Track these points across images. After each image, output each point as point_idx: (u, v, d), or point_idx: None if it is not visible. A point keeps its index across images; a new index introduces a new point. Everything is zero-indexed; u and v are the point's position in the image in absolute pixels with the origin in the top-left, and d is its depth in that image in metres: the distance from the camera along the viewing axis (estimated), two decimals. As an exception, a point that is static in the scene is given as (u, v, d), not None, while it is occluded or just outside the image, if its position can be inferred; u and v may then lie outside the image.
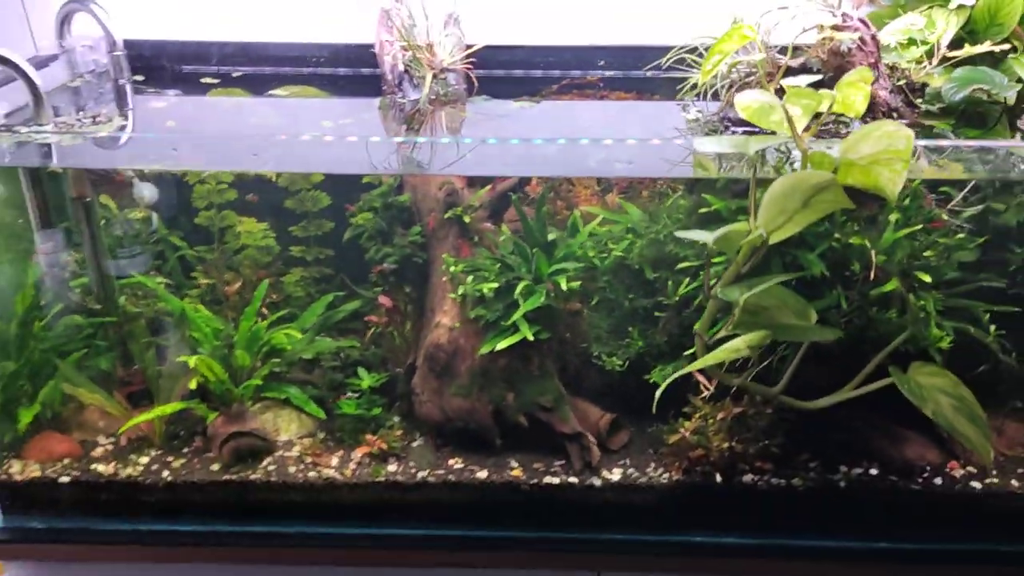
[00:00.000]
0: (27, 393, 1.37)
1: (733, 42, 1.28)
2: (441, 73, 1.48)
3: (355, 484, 1.34)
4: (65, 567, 1.37)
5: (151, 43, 1.61)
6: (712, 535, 1.34)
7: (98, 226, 1.36)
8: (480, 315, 1.28)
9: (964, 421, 1.12)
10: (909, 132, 1.02)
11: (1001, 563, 1.31)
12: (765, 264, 1.15)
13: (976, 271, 1.26)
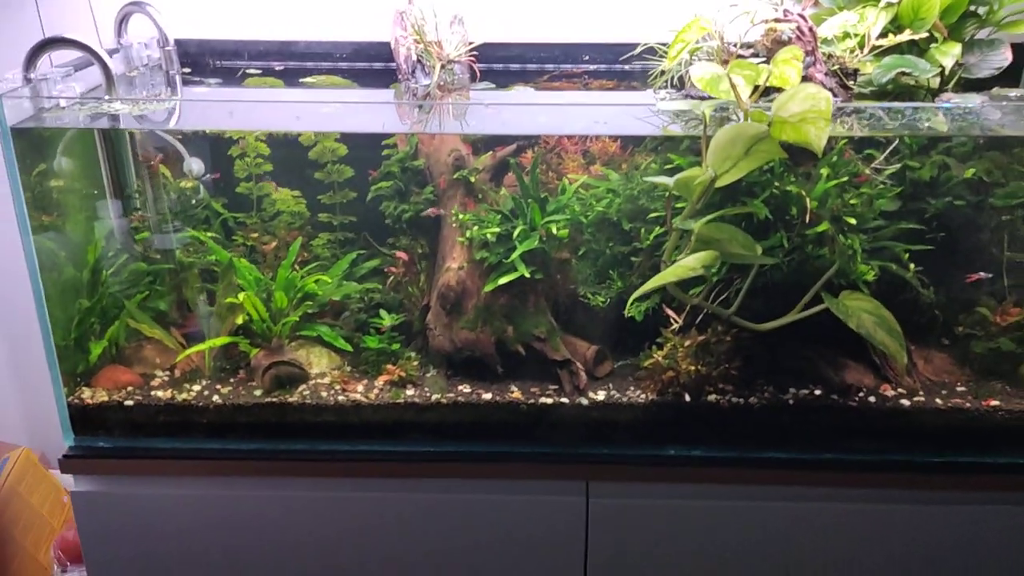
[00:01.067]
0: (96, 331, 1.61)
1: (693, 32, 1.54)
2: (448, 64, 1.73)
3: (378, 406, 1.56)
4: (126, 480, 1.59)
5: (196, 41, 1.86)
6: (682, 448, 1.57)
7: (159, 187, 1.60)
8: (484, 257, 1.52)
9: (883, 333, 1.37)
10: (828, 94, 1.27)
11: (926, 471, 1.54)
12: (719, 208, 1.40)
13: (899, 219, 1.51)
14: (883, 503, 1.54)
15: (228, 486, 1.58)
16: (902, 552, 1.56)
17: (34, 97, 1.42)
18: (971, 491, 1.53)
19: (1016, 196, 1.51)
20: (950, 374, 1.58)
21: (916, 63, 1.59)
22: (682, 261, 1.30)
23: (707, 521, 1.56)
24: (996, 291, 1.56)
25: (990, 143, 1.54)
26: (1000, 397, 1.53)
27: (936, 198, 1.51)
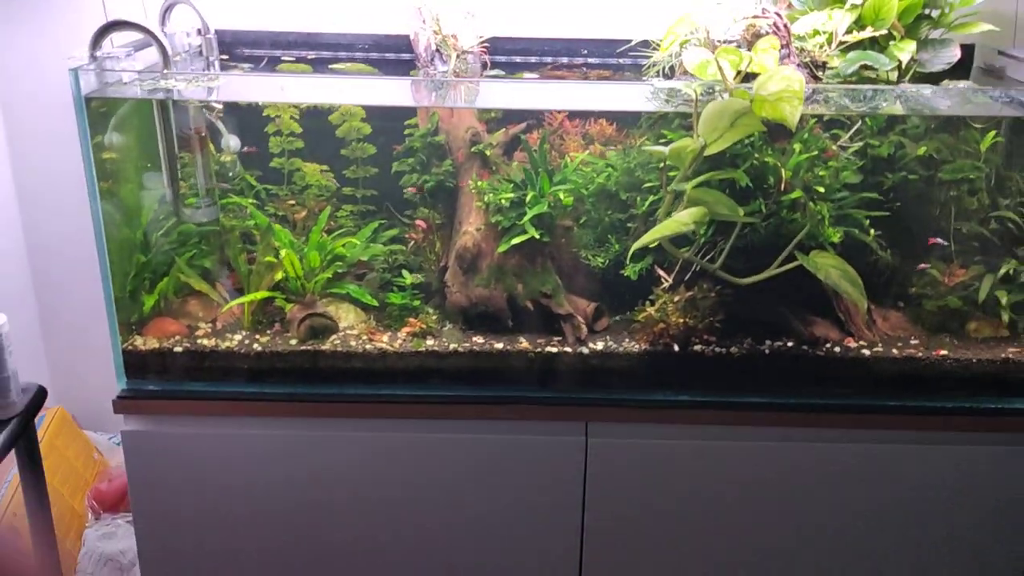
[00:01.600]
0: (147, 286, 1.79)
1: (682, 27, 1.75)
2: (462, 54, 1.93)
3: (401, 354, 1.75)
4: (171, 420, 1.75)
5: (231, 31, 2.05)
6: (671, 393, 1.76)
7: (208, 155, 1.78)
8: (499, 221, 1.72)
9: (847, 284, 1.58)
10: (801, 76, 1.49)
11: (884, 412, 1.74)
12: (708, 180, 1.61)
13: (861, 190, 1.73)
14: (847, 442, 1.74)
15: (264, 426, 1.75)
16: (863, 484, 1.76)
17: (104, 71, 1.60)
18: (924, 431, 1.74)
19: (961, 171, 1.74)
20: (905, 329, 1.80)
21: (877, 58, 1.80)
22: (676, 216, 1.51)
23: (693, 458, 1.76)
24: (945, 255, 1.78)
25: (939, 125, 1.77)
26: (948, 348, 1.75)
27: (893, 172, 1.74)
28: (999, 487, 1.75)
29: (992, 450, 1.73)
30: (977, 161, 1.74)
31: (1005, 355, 1.73)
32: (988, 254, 1.76)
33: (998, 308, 1.74)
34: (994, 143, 1.75)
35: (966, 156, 1.75)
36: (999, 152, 1.79)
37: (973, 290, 1.75)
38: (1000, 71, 1.91)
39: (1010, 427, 1.73)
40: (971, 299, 1.76)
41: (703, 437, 1.75)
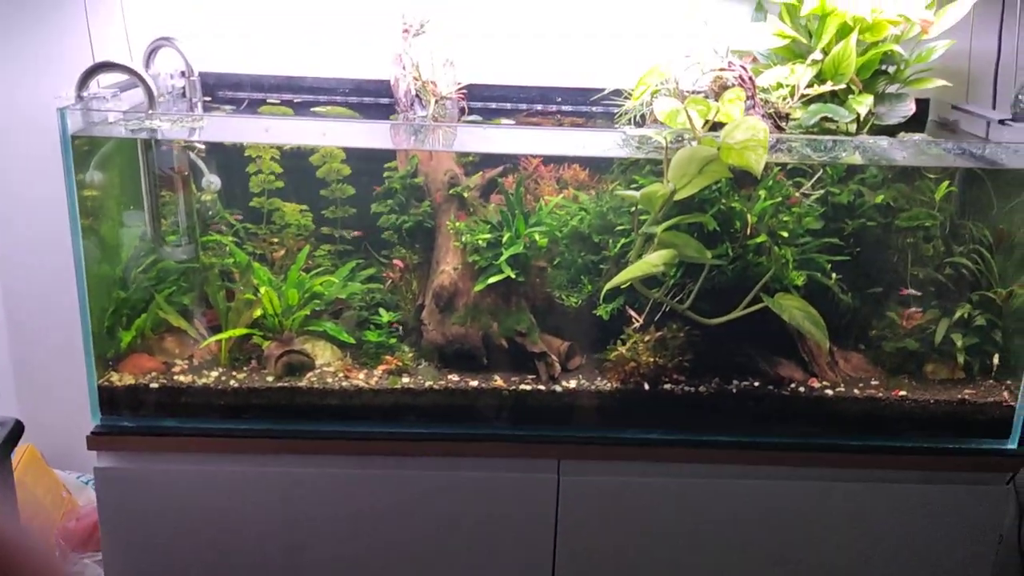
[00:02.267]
0: (124, 322, 1.80)
1: (652, 78, 1.83)
2: (441, 100, 1.99)
3: (377, 391, 1.77)
4: (146, 456, 1.76)
5: (215, 74, 2.09)
6: (641, 431, 1.81)
7: (190, 194, 1.81)
8: (475, 260, 1.77)
9: (810, 324, 1.64)
10: (765, 126, 1.56)
11: (846, 451, 1.80)
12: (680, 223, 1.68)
13: (822, 235, 1.80)
14: (813, 480, 1.79)
15: (239, 463, 1.76)
16: (829, 520, 1.81)
17: (90, 111, 1.63)
18: (885, 469, 1.79)
19: (917, 219, 1.82)
20: (866, 370, 1.86)
21: (836, 110, 1.89)
22: (647, 258, 1.56)
23: (664, 495, 1.79)
24: (903, 299, 1.85)
25: (896, 175, 1.86)
26: (907, 389, 1.82)
27: (853, 219, 1.81)
28: (957, 525, 1.81)
29: (951, 489, 1.79)
30: (932, 210, 1.82)
31: (961, 396, 1.80)
32: (944, 299, 1.83)
33: (954, 351, 1.81)
34: (948, 192, 1.83)
35: (922, 205, 1.83)
36: (953, 201, 1.88)
37: (930, 333, 1.82)
38: (954, 124, 2.00)
39: (967, 466, 1.79)
40: (928, 342, 1.83)
41: (673, 475, 1.79)
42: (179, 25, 2.06)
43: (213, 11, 2.09)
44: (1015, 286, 1.78)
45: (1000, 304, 1.80)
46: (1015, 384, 1.78)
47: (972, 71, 2.06)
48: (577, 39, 2.12)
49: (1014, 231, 1.79)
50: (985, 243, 1.83)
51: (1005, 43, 1.98)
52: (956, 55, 2.07)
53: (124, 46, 1.99)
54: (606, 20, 2.12)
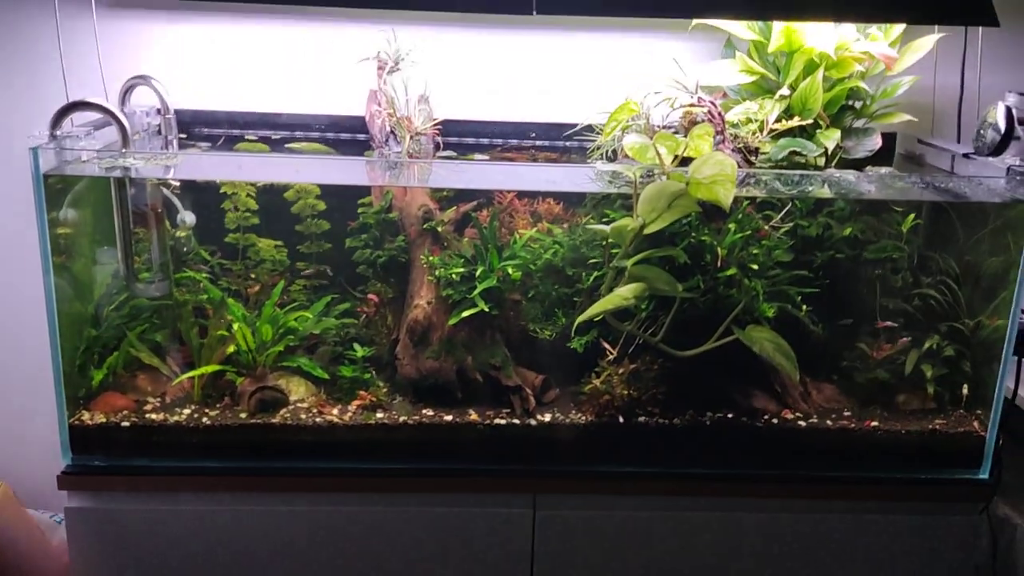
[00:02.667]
0: (96, 360, 1.79)
1: (624, 113, 1.85)
2: (416, 136, 2.01)
3: (351, 427, 1.77)
4: (117, 495, 1.74)
5: (191, 111, 2.10)
6: (616, 464, 1.80)
7: (163, 231, 1.82)
8: (449, 294, 1.77)
9: (780, 356, 1.66)
10: (733, 161, 1.59)
11: (818, 482, 1.81)
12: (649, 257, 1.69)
13: (792, 268, 1.82)
14: (786, 511, 1.80)
15: (212, 502, 1.74)
16: (804, 551, 1.81)
17: (63, 149, 1.64)
18: (858, 500, 1.80)
19: (884, 251, 1.84)
20: (838, 401, 1.88)
21: (805, 144, 1.93)
22: (617, 291, 1.57)
23: (639, 528, 1.79)
24: (873, 330, 1.87)
25: (863, 208, 1.88)
26: (879, 420, 1.83)
27: (822, 251, 1.84)
28: (932, 555, 1.81)
29: (925, 519, 1.80)
30: (899, 242, 1.85)
31: (932, 426, 1.81)
32: (913, 330, 1.86)
33: (924, 381, 1.83)
34: (914, 225, 1.86)
35: (889, 237, 1.86)
36: (920, 233, 1.91)
37: (900, 364, 1.84)
38: (920, 158, 2.04)
39: (940, 497, 1.80)
40: (899, 372, 1.85)
41: (649, 508, 1.79)
42: (155, 62, 2.08)
43: (189, 49, 2.10)
44: (982, 317, 1.81)
45: (968, 335, 1.82)
46: (985, 414, 1.80)
47: (937, 106, 2.10)
48: (551, 75, 2.15)
49: (980, 263, 1.82)
50: (952, 274, 1.85)
51: (968, 78, 2.02)
52: (921, 90, 2.12)
53: (100, 84, 2.00)
54: (579, 56, 2.15)
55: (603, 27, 2.13)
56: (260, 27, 2.11)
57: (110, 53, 2.04)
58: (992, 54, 1.99)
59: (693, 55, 2.14)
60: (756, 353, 1.67)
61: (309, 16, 2.10)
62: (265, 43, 2.12)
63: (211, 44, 2.10)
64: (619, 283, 1.64)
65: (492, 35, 2.13)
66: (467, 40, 2.13)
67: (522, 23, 2.09)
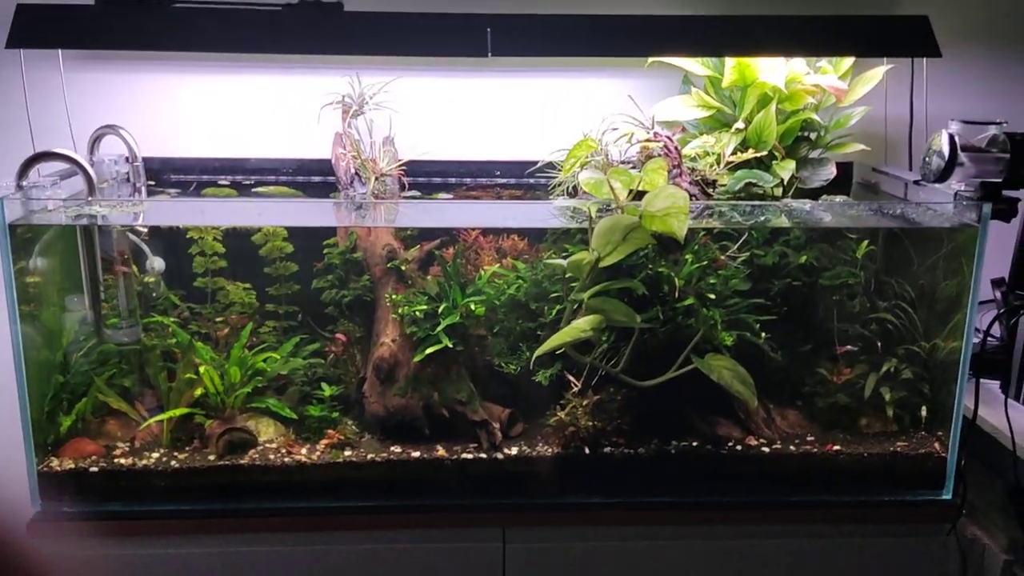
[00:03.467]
0: (65, 407, 1.80)
1: (582, 150, 1.90)
2: (381, 177, 2.05)
3: (319, 465, 1.78)
4: (87, 541, 1.74)
5: (160, 158, 2.14)
6: (583, 495, 1.82)
7: (131, 277, 1.84)
8: (413, 332, 1.80)
9: (739, 384, 1.69)
10: (685, 193, 1.63)
11: (785, 508, 1.83)
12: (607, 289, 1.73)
13: (750, 296, 1.86)
14: (754, 537, 1.81)
15: (181, 545, 1.75)
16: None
17: (29, 199, 1.67)
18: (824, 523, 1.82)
19: (839, 277, 1.88)
20: (802, 427, 1.90)
21: (761, 176, 1.97)
22: (574, 323, 1.60)
23: (608, 559, 1.80)
24: (832, 355, 1.90)
25: (819, 236, 1.93)
26: (841, 444, 1.86)
27: (778, 279, 1.88)
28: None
29: (892, 542, 1.82)
30: (854, 268, 1.89)
31: (894, 449, 1.84)
32: (871, 354, 1.89)
33: (884, 404, 1.85)
34: (869, 251, 1.91)
35: (844, 263, 1.90)
36: (875, 259, 1.95)
37: (860, 388, 1.87)
38: (876, 186, 2.09)
39: (906, 519, 1.82)
40: (859, 396, 1.88)
41: (617, 538, 1.80)
42: (124, 111, 2.11)
43: (157, 98, 2.14)
44: (938, 339, 1.84)
45: (925, 357, 1.86)
46: (945, 435, 1.83)
47: (889, 134, 2.16)
48: (513, 115, 2.20)
49: (934, 286, 1.86)
50: (908, 298, 1.89)
51: (917, 107, 2.08)
52: (874, 120, 2.17)
53: (68, 134, 2.03)
54: (539, 96, 2.20)
55: (561, 67, 2.19)
56: (226, 75, 2.16)
57: (79, 103, 2.08)
58: (938, 83, 2.05)
59: (652, 91, 2.19)
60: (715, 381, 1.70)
61: (273, 64, 2.15)
62: (231, 90, 2.16)
63: (178, 93, 2.15)
64: (578, 316, 1.67)
65: (453, 78, 2.18)
66: (430, 83, 2.18)
67: (483, 65, 2.14)
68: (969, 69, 2.22)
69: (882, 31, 2.03)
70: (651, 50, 2.01)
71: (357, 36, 1.92)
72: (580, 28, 1.96)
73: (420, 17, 1.94)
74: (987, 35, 2.23)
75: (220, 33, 1.92)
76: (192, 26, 1.93)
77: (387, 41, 1.93)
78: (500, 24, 1.91)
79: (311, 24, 1.92)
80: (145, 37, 1.93)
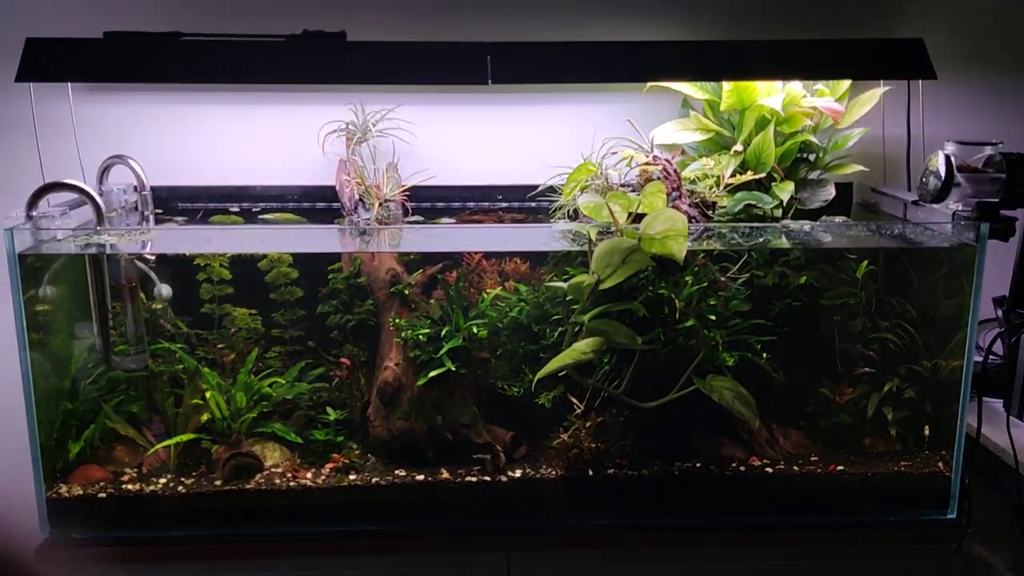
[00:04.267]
0: (74, 434, 1.82)
1: (582, 173, 1.92)
2: (385, 203, 2.08)
3: (325, 489, 1.79)
4: (95, 567, 1.75)
5: (167, 187, 2.17)
6: (587, 518, 1.82)
7: (138, 305, 1.87)
8: (417, 355, 1.82)
9: (740, 404, 1.69)
10: (683, 216, 1.65)
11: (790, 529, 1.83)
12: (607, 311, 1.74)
13: (751, 317, 1.87)
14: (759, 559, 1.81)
15: (188, 570, 1.75)
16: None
17: (39, 229, 1.70)
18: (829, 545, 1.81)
19: (840, 297, 1.89)
20: (805, 447, 1.91)
21: (761, 197, 1.99)
22: (575, 346, 1.62)
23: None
24: (834, 375, 1.91)
25: (819, 256, 1.94)
26: (845, 464, 1.86)
27: (778, 300, 1.89)
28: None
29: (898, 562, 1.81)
30: (854, 288, 1.90)
31: (898, 468, 1.84)
32: (873, 373, 1.89)
33: (887, 424, 1.86)
34: (869, 271, 1.92)
35: (844, 284, 1.91)
36: (876, 279, 1.96)
37: (863, 407, 1.87)
38: (875, 206, 2.10)
39: (912, 538, 1.82)
40: (863, 416, 1.88)
41: (621, 560, 1.80)
42: (133, 142, 2.15)
43: (165, 128, 2.18)
44: (940, 359, 1.85)
45: (927, 376, 1.86)
46: (949, 454, 1.83)
47: (888, 156, 2.17)
48: (515, 140, 2.23)
49: (935, 305, 1.87)
50: (909, 318, 1.90)
51: (914, 129, 2.10)
52: (872, 141, 2.19)
53: (77, 165, 2.07)
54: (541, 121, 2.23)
55: (561, 93, 2.22)
56: (232, 106, 2.19)
57: (88, 134, 2.12)
58: (934, 105, 2.07)
59: (651, 116, 2.22)
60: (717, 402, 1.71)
61: (278, 94, 2.18)
62: (237, 120, 2.20)
63: (185, 123, 2.18)
64: (579, 338, 1.69)
65: (455, 105, 2.21)
66: (433, 110, 2.21)
67: (484, 92, 2.17)
68: (966, 90, 2.24)
69: (877, 54, 2.05)
70: (649, 75, 2.03)
71: (359, 65, 1.95)
72: (579, 55, 1.99)
73: (421, 46, 1.97)
74: (982, 57, 2.25)
75: (225, 65, 1.96)
76: (198, 58, 1.96)
77: (389, 70, 1.96)
78: (500, 52, 1.95)
79: (314, 54, 1.96)
80: (152, 69, 1.97)
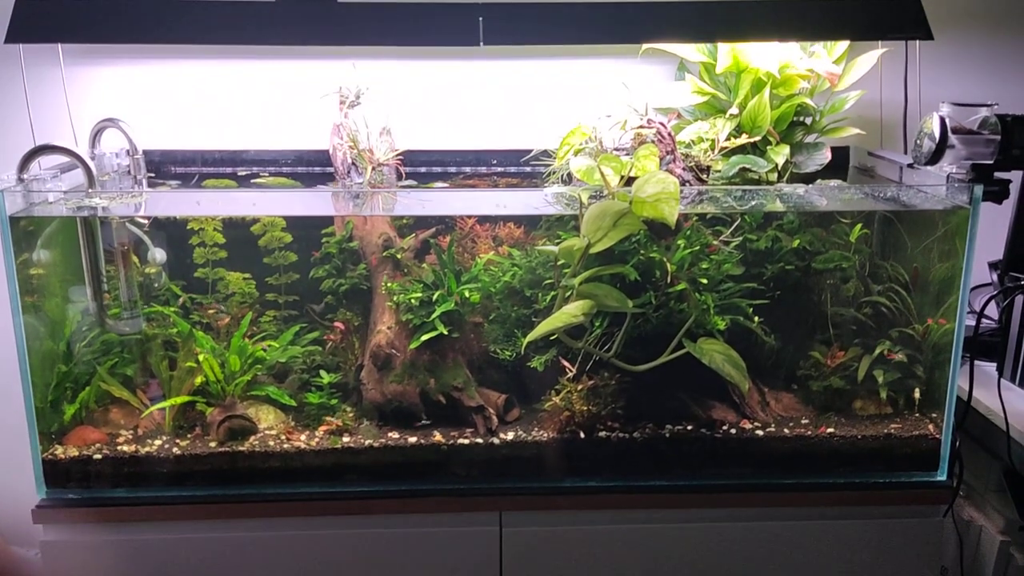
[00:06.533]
0: (69, 396, 1.84)
1: (575, 137, 1.91)
2: (378, 167, 2.07)
3: (318, 451, 1.81)
4: (92, 527, 1.78)
5: (160, 151, 2.17)
6: (579, 479, 1.84)
7: (131, 268, 1.87)
8: (409, 319, 1.82)
9: (730, 367, 1.70)
10: (675, 178, 1.64)
11: (779, 490, 1.84)
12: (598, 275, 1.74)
13: (743, 280, 1.87)
14: (749, 520, 1.83)
15: (184, 530, 1.78)
16: (769, 559, 1.84)
17: (31, 191, 1.70)
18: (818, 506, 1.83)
19: (832, 261, 1.89)
20: (796, 410, 1.91)
21: (756, 161, 1.98)
22: (565, 308, 1.62)
23: (604, 542, 1.82)
24: (825, 338, 1.91)
25: (812, 220, 1.93)
26: (835, 427, 1.87)
27: (771, 264, 1.88)
28: (896, 559, 1.84)
29: (887, 523, 1.83)
30: (847, 251, 1.90)
31: (888, 431, 1.85)
32: (864, 336, 1.90)
33: (877, 387, 1.86)
34: (862, 234, 1.91)
35: (837, 247, 1.91)
36: (870, 243, 1.96)
37: (854, 370, 1.88)
38: (872, 170, 2.09)
39: (901, 500, 1.83)
40: (853, 379, 1.88)
41: (613, 521, 1.82)
42: (124, 105, 2.14)
43: (157, 91, 2.17)
44: (932, 321, 1.85)
45: (919, 340, 1.86)
46: (939, 417, 1.83)
47: (884, 119, 2.16)
48: (510, 103, 2.21)
49: (928, 268, 1.86)
50: (901, 281, 1.90)
51: (911, 91, 2.08)
52: (870, 104, 2.17)
53: (70, 128, 2.06)
54: (536, 84, 2.21)
55: (555, 55, 2.20)
56: (224, 67, 2.18)
57: (79, 96, 2.11)
58: (932, 66, 2.05)
59: (647, 78, 2.21)
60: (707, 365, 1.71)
61: (271, 55, 2.17)
62: (230, 82, 2.19)
63: (177, 86, 2.17)
64: (569, 302, 1.69)
65: (448, 67, 2.20)
66: (426, 72, 2.19)
67: (476, 54, 2.16)
68: (963, 51, 2.21)
69: (874, 14, 2.03)
70: (644, 37, 2.02)
71: (351, 27, 1.94)
72: (572, 15, 1.97)
73: (412, 7, 1.95)
74: (980, 17, 2.23)
75: (217, 25, 1.95)
76: (189, 18, 1.95)
77: (380, 31, 1.95)
78: (492, 13, 1.93)
79: (306, 15, 1.94)
80: (143, 30, 1.96)
